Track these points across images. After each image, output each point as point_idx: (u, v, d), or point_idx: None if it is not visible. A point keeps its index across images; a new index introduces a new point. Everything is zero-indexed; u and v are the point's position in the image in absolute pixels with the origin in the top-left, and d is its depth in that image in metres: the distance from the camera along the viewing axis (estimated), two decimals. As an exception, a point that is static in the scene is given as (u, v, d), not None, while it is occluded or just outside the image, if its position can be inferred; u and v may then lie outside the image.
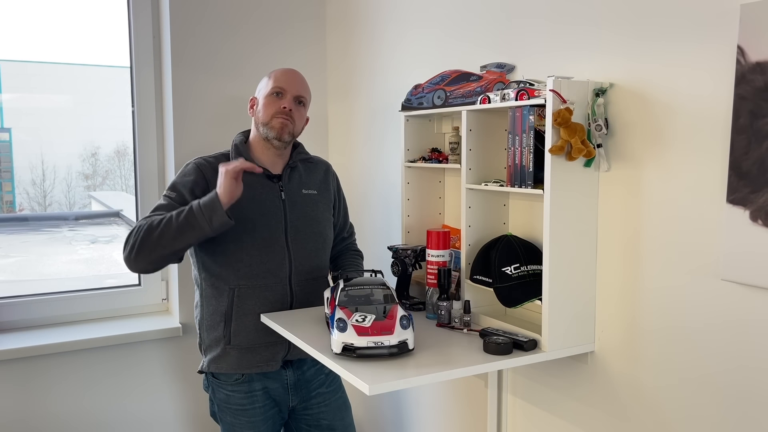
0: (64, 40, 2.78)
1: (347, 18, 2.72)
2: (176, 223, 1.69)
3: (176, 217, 1.70)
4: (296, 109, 1.90)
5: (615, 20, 1.57)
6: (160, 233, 1.69)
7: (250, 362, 1.87)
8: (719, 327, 1.39)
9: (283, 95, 1.88)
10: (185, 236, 1.70)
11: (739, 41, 1.29)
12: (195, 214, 1.68)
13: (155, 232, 1.70)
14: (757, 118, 1.27)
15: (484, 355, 1.56)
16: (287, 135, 1.88)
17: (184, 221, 1.69)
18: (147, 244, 1.70)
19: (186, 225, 1.69)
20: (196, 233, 1.70)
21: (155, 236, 1.70)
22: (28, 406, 2.43)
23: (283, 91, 1.88)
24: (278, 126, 1.86)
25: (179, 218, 1.69)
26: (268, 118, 1.87)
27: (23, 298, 2.55)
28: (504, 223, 1.90)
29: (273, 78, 1.91)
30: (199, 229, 1.69)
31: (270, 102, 1.88)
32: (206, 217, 1.68)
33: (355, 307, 1.61)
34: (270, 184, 1.91)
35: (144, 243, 1.70)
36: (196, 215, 1.68)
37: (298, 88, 1.91)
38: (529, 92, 1.59)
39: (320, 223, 1.97)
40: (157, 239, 1.69)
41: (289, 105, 1.88)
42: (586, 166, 1.59)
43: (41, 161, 2.92)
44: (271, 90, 1.88)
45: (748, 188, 1.29)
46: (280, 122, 1.86)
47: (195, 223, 1.68)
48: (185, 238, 1.71)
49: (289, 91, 1.89)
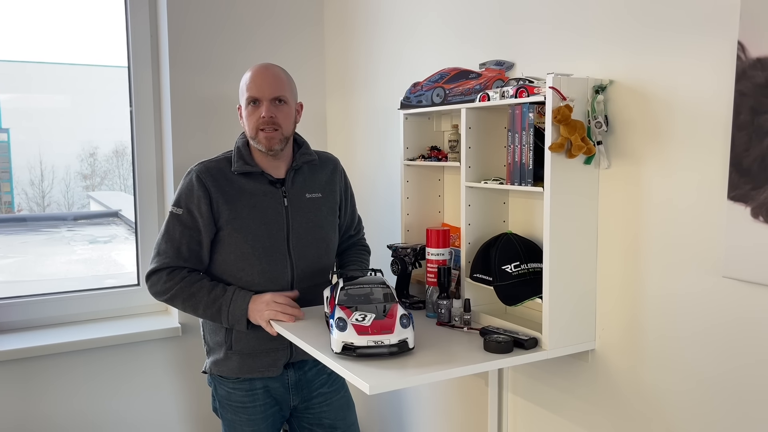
0: (61, 41, 2.77)
1: (345, 16, 2.71)
2: (203, 312, 1.84)
3: (204, 306, 1.83)
4: (277, 110, 1.82)
5: (614, 17, 1.56)
6: (185, 307, 1.85)
7: (252, 367, 1.87)
8: (720, 324, 1.39)
9: (259, 103, 1.82)
10: (204, 318, 1.89)
11: (739, 37, 1.29)
12: (221, 317, 1.82)
13: (183, 303, 1.84)
14: (758, 115, 1.26)
15: (485, 353, 1.55)
16: (277, 144, 1.84)
17: (209, 316, 1.84)
18: (171, 303, 1.87)
19: (209, 318, 1.85)
20: (213, 322, 1.88)
21: (181, 306, 1.86)
22: (28, 407, 2.43)
23: (258, 99, 1.82)
24: (264, 140, 1.82)
25: (206, 310, 1.83)
26: (252, 131, 1.83)
27: (22, 298, 2.55)
28: (504, 221, 1.90)
29: (246, 85, 1.84)
30: (217, 323, 1.86)
31: (249, 114, 1.83)
32: (229, 324, 1.83)
33: (355, 306, 1.60)
34: (273, 190, 1.88)
35: (170, 301, 1.86)
36: (221, 318, 1.82)
37: (273, 89, 1.82)
38: (529, 89, 1.59)
39: (323, 228, 1.94)
40: (182, 308, 1.87)
41: (268, 113, 1.81)
42: (586, 164, 1.59)
43: (39, 161, 2.91)
44: (246, 99, 1.83)
45: (749, 185, 1.29)
46: (265, 136, 1.82)
47: (217, 320, 1.84)
48: (203, 318, 1.90)
49: (264, 97, 1.81)
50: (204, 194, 1.82)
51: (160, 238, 1.85)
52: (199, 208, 1.82)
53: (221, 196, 1.83)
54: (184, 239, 1.82)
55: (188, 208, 1.83)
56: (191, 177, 1.85)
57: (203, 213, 1.81)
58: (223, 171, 1.86)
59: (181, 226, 1.83)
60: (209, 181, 1.83)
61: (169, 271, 1.82)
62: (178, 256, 1.83)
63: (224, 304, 1.80)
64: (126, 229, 3.03)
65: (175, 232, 1.83)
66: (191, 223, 1.82)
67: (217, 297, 1.80)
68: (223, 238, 1.84)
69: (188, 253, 1.83)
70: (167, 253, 1.83)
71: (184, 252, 1.83)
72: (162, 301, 1.87)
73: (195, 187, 1.83)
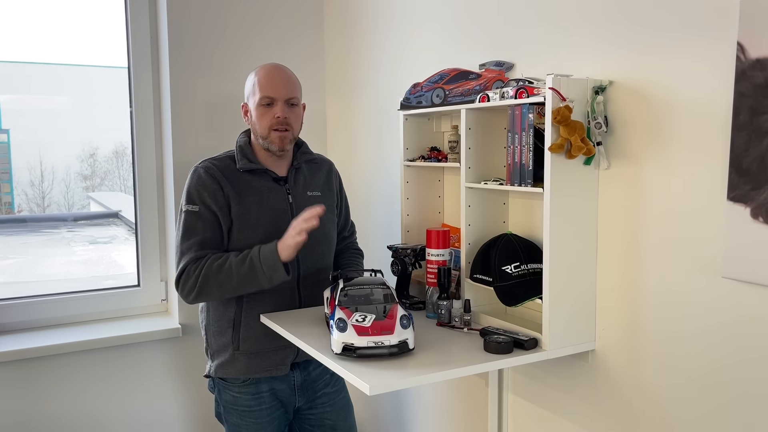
0: (61, 41, 2.77)
1: (345, 16, 2.71)
2: (237, 277, 1.73)
3: (237, 268, 1.73)
4: (290, 112, 1.85)
5: (614, 17, 1.57)
6: (220, 283, 1.75)
7: (259, 367, 1.87)
8: (720, 324, 1.39)
9: (273, 103, 1.83)
10: (245, 288, 1.77)
11: (738, 38, 1.29)
12: (257, 272, 1.72)
13: (216, 280, 1.74)
14: (758, 115, 1.27)
15: (485, 354, 1.55)
16: (288, 144, 1.87)
17: (246, 277, 1.73)
18: (207, 290, 1.76)
19: (247, 280, 1.74)
20: (254, 287, 1.76)
21: (216, 285, 1.75)
22: (28, 408, 2.43)
23: (273, 100, 1.83)
24: (277, 140, 1.84)
25: (240, 271, 1.73)
26: (265, 131, 1.84)
27: (22, 299, 2.55)
28: (504, 222, 1.90)
29: (259, 85, 1.84)
30: (258, 285, 1.75)
31: (262, 114, 1.84)
32: (267, 276, 1.73)
33: (355, 306, 1.60)
34: (277, 187, 1.90)
35: (204, 289, 1.76)
36: (258, 273, 1.72)
37: (287, 90, 1.85)
38: (529, 90, 1.59)
39: (325, 225, 1.94)
40: (218, 288, 1.76)
41: (282, 113, 1.83)
42: (586, 164, 1.59)
43: (39, 162, 2.91)
44: (260, 100, 1.83)
45: (749, 185, 1.29)
46: (279, 136, 1.84)
47: (255, 279, 1.73)
48: (245, 290, 1.78)
49: (279, 98, 1.83)
50: (217, 186, 1.82)
51: (179, 241, 1.81)
52: (216, 200, 1.80)
53: (232, 189, 1.83)
54: (208, 232, 1.80)
55: (204, 202, 1.81)
56: (199, 173, 1.84)
57: (220, 204, 1.80)
58: (229, 167, 1.87)
59: (201, 220, 1.80)
60: (218, 175, 1.83)
61: (195, 260, 1.78)
62: (202, 247, 1.79)
63: (254, 257, 1.73)
64: (126, 229, 3.03)
65: (197, 227, 1.80)
66: (209, 216, 1.80)
67: (245, 255, 1.75)
68: (232, 233, 1.83)
69: (213, 243, 1.80)
70: (192, 248, 1.79)
71: (209, 243, 1.79)
72: (196, 298, 1.78)
73: (206, 181, 1.82)
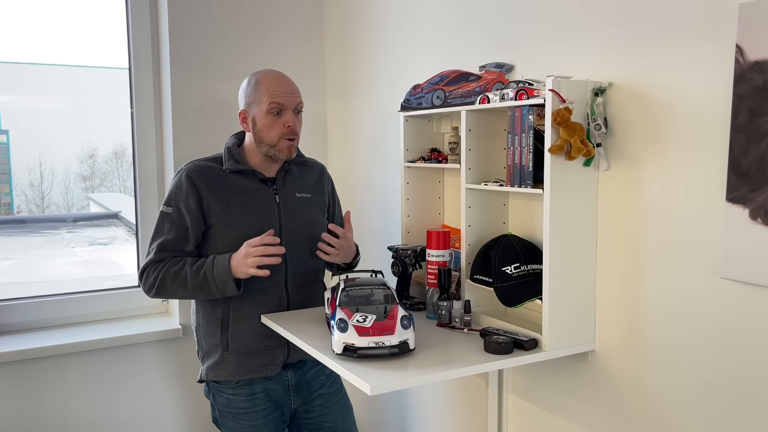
0: (62, 42, 2.78)
1: (345, 18, 2.72)
2: (191, 286, 1.81)
3: (191, 279, 1.80)
4: (296, 120, 1.87)
5: (614, 19, 1.57)
6: (175, 288, 1.82)
7: (249, 367, 1.87)
8: (719, 325, 1.39)
9: (282, 112, 1.84)
10: (199, 296, 1.86)
11: (737, 40, 1.30)
12: (209, 284, 1.79)
13: (171, 285, 1.82)
14: (756, 117, 1.27)
15: (485, 354, 1.56)
16: (295, 151, 1.90)
17: (199, 287, 1.80)
18: (164, 291, 1.84)
19: (200, 291, 1.81)
20: (209, 297, 1.84)
21: (172, 290, 1.83)
22: (27, 409, 2.43)
23: (283, 108, 1.83)
24: (286, 149, 1.86)
25: (193, 282, 1.80)
26: (274, 140, 1.85)
27: (22, 300, 2.55)
28: (504, 223, 1.90)
29: (266, 92, 1.83)
30: (212, 295, 1.82)
31: (271, 122, 1.83)
32: (220, 290, 1.79)
33: (356, 307, 1.61)
34: (264, 188, 1.91)
35: (162, 291, 1.84)
36: (210, 286, 1.79)
37: (296, 98, 1.86)
38: (528, 92, 1.59)
39: (315, 226, 1.95)
40: (174, 292, 1.84)
41: (292, 121, 1.85)
42: (586, 166, 1.60)
43: (39, 163, 2.92)
44: (269, 108, 1.82)
45: (748, 187, 1.30)
46: (288, 145, 1.86)
47: (208, 290, 1.81)
48: (200, 297, 1.87)
49: (290, 106, 1.84)
50: (193, 191, 1.84)
51: (151, 238, 1.89)
52: (187, 205, 1.83)
53: (211, 192, 1.85)
54: (171, 235, 1.85)
55: (177, 205, 1.85)
56: (180, 176, 1.88)
57: (191, 210, 1.83)
58: (214, 169, 1.88)
59: (170, 223, 1.85)
60: (199, 179, 1.85)
61: (154, 262, 1.85)
62: (163, 251, 1.85)
63: (207, 270, 1.79)
64: (126, 230, 3.03)
65: (164, 229, 1.86)
66: (179, 220, 1.84)
67: (200, 267, 1.80)
68: (215, 234, 1.85)
69: (173, 247, 1.85)
70: (155, 248, 1.86)
71: (169, 246, 1.85)
72: (155, 296, 1.86)
73: (184, 185, 1.85)
